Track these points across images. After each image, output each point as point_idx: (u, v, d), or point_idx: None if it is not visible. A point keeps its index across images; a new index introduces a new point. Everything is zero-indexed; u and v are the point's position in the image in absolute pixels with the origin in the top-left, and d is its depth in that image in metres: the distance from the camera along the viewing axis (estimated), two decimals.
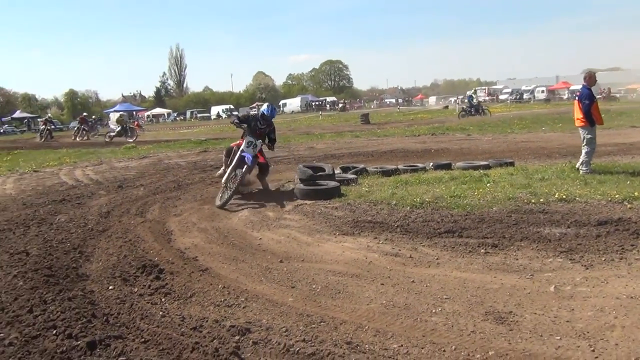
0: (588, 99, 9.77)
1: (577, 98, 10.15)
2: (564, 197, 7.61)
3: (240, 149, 9.18)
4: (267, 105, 10.02)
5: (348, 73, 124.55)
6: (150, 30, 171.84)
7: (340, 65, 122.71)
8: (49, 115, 45.72)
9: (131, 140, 28.40)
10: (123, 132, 30.48)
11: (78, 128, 34.42)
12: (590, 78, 10.01)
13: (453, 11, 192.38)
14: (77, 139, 33.05)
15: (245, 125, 9.53)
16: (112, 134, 30.74)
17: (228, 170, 9.11)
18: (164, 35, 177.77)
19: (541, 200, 7.57)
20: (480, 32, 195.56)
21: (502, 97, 72.81)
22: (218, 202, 8.78)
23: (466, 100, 36.78)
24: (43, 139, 33.66)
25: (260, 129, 9.64)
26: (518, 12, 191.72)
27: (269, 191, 9.72)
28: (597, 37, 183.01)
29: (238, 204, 8.90)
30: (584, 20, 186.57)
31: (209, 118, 74.51)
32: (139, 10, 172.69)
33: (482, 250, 5.71)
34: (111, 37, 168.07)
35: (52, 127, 36.93)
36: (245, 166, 9.02)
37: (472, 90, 36.19)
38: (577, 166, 9.92)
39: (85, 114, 38.61)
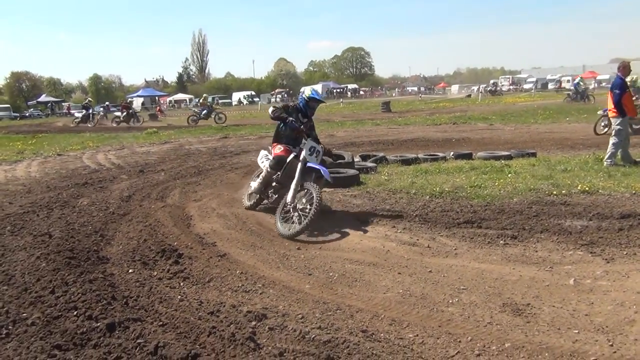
0: (619, 89, 9.55)
1: (610, 88, 9.93)
2: (587, 189, 7.50)
3: (302, 157, 6.76)
4: (312, 90, 7.56)
5: (370, 60, 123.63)
6: (174, 16, 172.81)
7: (362, 53, 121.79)
8: (106, 103, 45.87)
9: (137, 124, 29.97)
10: (128, 117, 31.80)
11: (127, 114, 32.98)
12: (625, 68, 9.73)
13: None
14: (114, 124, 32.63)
15: (292, 119, 7.07)
16: (117, 119, 32.05)
17: (292, 188, 6.64)
18: (187, 21, 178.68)
19: (563, 192, 7.47)
20: (504, 19, 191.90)
21: (526, 86, 71.66)
22: (286, 232, 6.30)
23: (573, 87, 36.11)
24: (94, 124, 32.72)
25: (303, 123, 7.24)
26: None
27: None
28: (626, 26, 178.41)
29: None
30: (612, 9, 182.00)
31: (230, 104, 74.78)
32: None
33: (501, 242, 5.66)
34: (135, 22, 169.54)
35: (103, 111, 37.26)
36: (322, 182, 6.79)
37: (579, 78, 35.71)
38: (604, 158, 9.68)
39: (129, 99, 39.35)
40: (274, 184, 7.32)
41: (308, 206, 6.36)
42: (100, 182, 10.29)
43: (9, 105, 68.99)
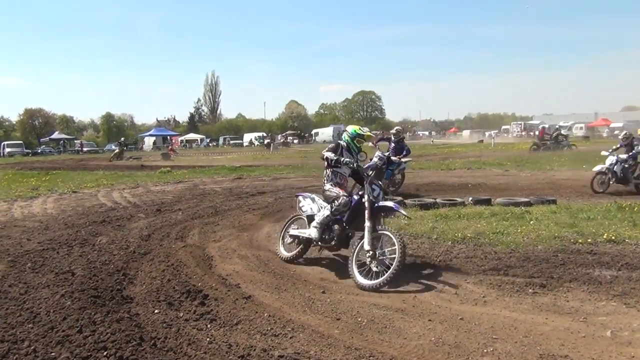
0: None
1: None
2: (613, 238, 7.44)
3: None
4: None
5: (380, 104, 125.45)
6: (187, 57, 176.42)
7: (373, 96, 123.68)
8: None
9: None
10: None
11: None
12: None
13: (488, 44, 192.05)
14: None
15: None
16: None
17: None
18: (200, 62, 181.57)
19: (589, 240, 7.41)
20: (516, 66, 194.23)
21: (538, 132, 71.89)
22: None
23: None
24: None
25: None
26: (555, 47, 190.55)
27: None
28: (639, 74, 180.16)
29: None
30: (624, 56, 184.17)
31: (241, 145, 75.58)
32: (176, 38, 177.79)
33: (530, 290, 5.61)
34: (148, 62, 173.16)
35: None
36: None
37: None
38: None
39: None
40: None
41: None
42: (117, 220, 10.36)
43: (21, 142, 70.20)
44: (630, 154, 14.35)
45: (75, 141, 74.15)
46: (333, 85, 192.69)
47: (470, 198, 11.70)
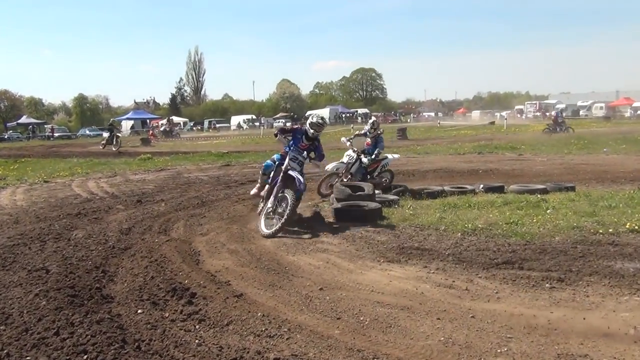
0: None
1: None
2: (636, 227, 7.51)
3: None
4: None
5: (381, 83, 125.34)
6: (167, 32, 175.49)
7: (373, 74, 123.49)
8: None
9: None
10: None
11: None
12: None
13: (500, 16, 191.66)
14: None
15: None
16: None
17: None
18: (182, 38, 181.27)
19: (610, 230, 7.48)
20: (530, 40, 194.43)
21: (554, 112, 72.02)
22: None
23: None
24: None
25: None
26: (573, 19, 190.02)
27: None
28: None
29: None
30: None
31: (228, 128, 75.41)
32: (155, 10, 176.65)
33: (546, 285, 5.66)
34: (124, 38, 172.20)
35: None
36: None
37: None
38: None
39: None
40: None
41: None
42: (94, 212, 10.38)
43: None
44: None
45: (46, 126, 73.75)
46: (329, 61, 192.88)
47: (481, 185, 11.77)
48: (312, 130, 9.12)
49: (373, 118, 14.27)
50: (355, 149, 12.33)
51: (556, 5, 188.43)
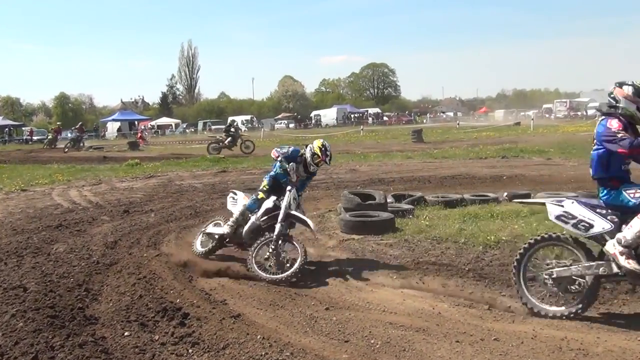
0: None
1: None
2: None
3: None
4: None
5: (395, 79, 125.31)
6: (158, 25, 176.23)
7: (386, 70, 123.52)
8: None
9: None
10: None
11: None
12: None
13: (526, 4, 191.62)
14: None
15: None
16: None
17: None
18: (174, 31, 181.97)
19: None
20: (560, 31, 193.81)
21: (588, 112, 71.88)
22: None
23: None
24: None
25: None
26: (608, 6, 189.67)
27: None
28: None
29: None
30: None
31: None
32: (144, 1, 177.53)
33: None
34: (110, 32, 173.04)
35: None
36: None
37: None
38: None
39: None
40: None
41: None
42: (77, 224, 10.43)
43: None
44: None
45: (24, 128, 74.13)
46: (336, 56, 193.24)
47: (505, 193, 11.75)
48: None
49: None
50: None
51: None
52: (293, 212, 7.48)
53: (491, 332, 5.04)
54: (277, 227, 7.25)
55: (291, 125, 78.55)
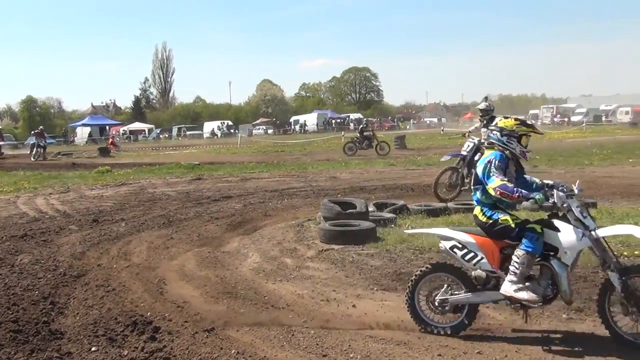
0: None
1: None
2: None
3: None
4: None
5: (377, 84, 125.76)
6: (131, 26, 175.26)
7: (368, 74, 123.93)
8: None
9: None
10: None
11: None
12: None
13: (513, 9, 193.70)
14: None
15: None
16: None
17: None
18: (147, 33, 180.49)
19: (636, 252, 7.56)
20: (547, 36, 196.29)
21: (574, 118, 72.77)
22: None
23: None
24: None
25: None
26: (596, 13, 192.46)
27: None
28: None
29: (244, 244, 9.09)
30: None
31: (201, 136, 75.40)
32: (117, 1, 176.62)
33: (563, 315, 5.73)
34: (81, 32, 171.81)
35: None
36: None
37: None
38: None
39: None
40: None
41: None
42: (43, 234, 10.33)
43: None
44: None
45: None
46: (317, 60, 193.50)
47: None
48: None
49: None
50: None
51: None
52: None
53: (474, 345, 5.07)
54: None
55: (270, 131, 78.42)
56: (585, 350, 4.89)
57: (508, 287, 5.06)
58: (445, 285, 5.51)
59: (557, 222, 5.27)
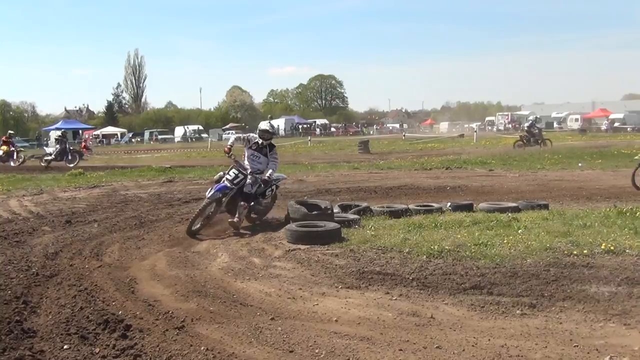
0: None
1: None
2: (612, 248, 7.71)
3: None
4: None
5: (342, 91, 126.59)
6: (103, 33, 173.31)
7: (333, 82, 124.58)
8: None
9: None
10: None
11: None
12: None
13: (470, 21, 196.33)
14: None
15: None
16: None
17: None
18: (120, 40, 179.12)
19: (585, 251, 7.67)
20: (503, 47, 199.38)
21: (527, 124, 73.82)
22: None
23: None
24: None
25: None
26: (548, 25, 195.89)
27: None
28: None
29: (214, 244, 9.01)
30: (626, 37, 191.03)
31: (172, 140, 74.78)
32: (90, 8, 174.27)
33: (517, 311, 5.79)
34: (54, 38, 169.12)
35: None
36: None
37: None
38: None
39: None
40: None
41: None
42: (16, 234, 10.11)
43: None
44: None
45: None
46: (285, 67, 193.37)
47: (449, 203, 11.94)
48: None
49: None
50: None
51: (528, 11, 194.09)
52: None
53: (434, 340, 5.10)
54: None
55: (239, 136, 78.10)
56: (536, 343, 4.96)
57: None
58: None
59: None
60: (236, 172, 9.58)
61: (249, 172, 9.89)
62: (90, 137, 70.84)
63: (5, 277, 7.25)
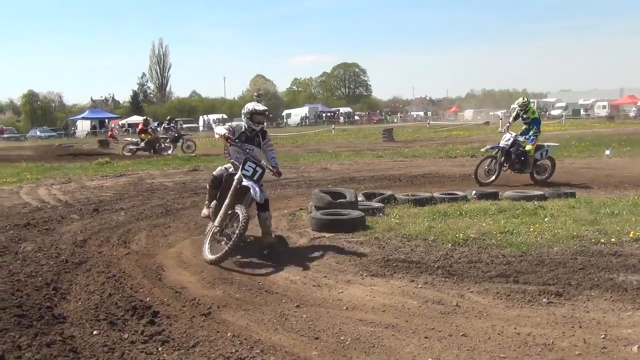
0: None
1: None
2: None
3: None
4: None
5: (366, 79, 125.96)
6: (128, 23, 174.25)
7: (357, 70, 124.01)
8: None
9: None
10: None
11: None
12: None
13: (495, 7, 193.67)
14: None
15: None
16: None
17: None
18: (145, 30, 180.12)
19: (612, 240, 7.60)
20: (528, 33, 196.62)
21: (554, 112, 73.01)
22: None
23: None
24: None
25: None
26: (574, 10, 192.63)
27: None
28: None
29: None
30: None
31: (196, 129, 75.15)
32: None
33: (544, 300, 5.74)
34: (80, 29, 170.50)
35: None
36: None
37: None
38: None
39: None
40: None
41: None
42: (45, 222, 10.28)
43: None
44: None
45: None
46: (308, 56, 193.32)
47: (474, 191, 11.87)
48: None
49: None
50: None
51: None
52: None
53: (459, 328, 5.09)
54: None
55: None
56: (563, 332, 4.92)
57: None
58: None
59: None
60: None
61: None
62: (117, 127, 71.46)
63: (35, 264, 7.38)
